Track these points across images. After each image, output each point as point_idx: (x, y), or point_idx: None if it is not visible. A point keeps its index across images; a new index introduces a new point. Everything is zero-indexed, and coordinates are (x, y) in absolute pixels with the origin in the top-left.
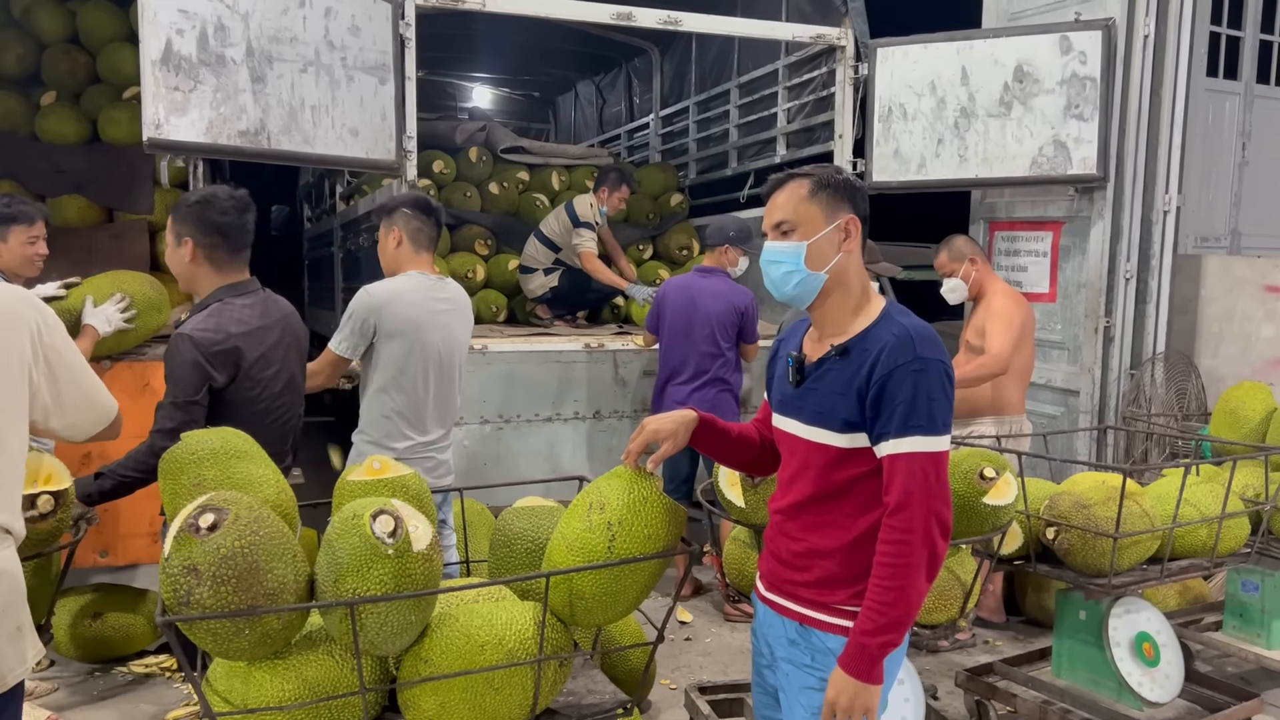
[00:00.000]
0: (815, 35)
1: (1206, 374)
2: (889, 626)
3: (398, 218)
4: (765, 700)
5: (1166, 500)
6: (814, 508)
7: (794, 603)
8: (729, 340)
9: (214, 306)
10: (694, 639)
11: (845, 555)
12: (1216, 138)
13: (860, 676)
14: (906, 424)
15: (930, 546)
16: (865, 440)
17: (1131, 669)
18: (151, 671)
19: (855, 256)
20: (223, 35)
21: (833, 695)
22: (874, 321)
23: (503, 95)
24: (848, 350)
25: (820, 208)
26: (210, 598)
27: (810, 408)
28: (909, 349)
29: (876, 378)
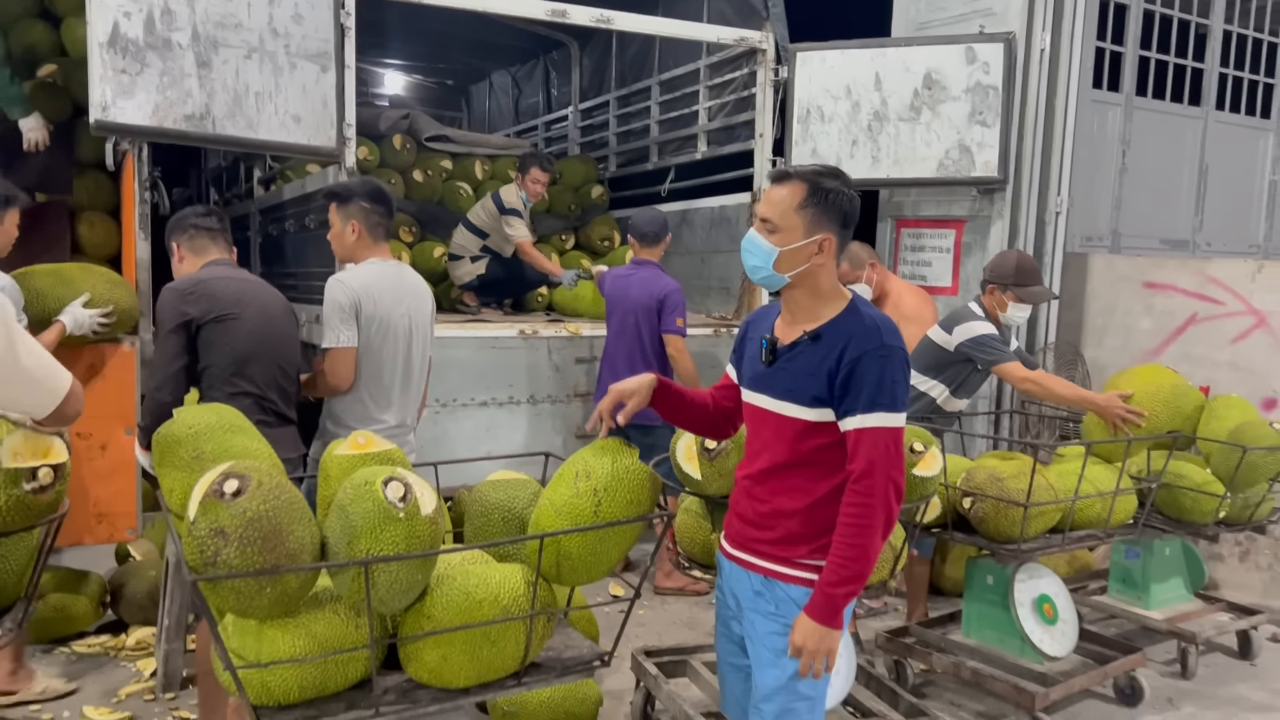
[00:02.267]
0: (738, 38)
1: (1092, 363)
2: (851, 578)
3: (354, 210)
4: (730, 648)
5: (1067, 477)
6: (780, 473)
7: (759, 558)
8: (655, 330)
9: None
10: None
11: (806, 515)
12: (1101, 145)
13: (825, 622)
14: (873, 402)
15: (888, 509)
16: (830, 415)
17: (1034, 627)
18: (95, 651)
19: (826, 267)
20: (169, 19)
21: (799, 639)
22: (842, 311)
23: (415, 82)
24: (819, 336)
25: (804, 221)
26: (237, 558)
27: (781, 385)
28: (876, 337)
29: (846, 361)
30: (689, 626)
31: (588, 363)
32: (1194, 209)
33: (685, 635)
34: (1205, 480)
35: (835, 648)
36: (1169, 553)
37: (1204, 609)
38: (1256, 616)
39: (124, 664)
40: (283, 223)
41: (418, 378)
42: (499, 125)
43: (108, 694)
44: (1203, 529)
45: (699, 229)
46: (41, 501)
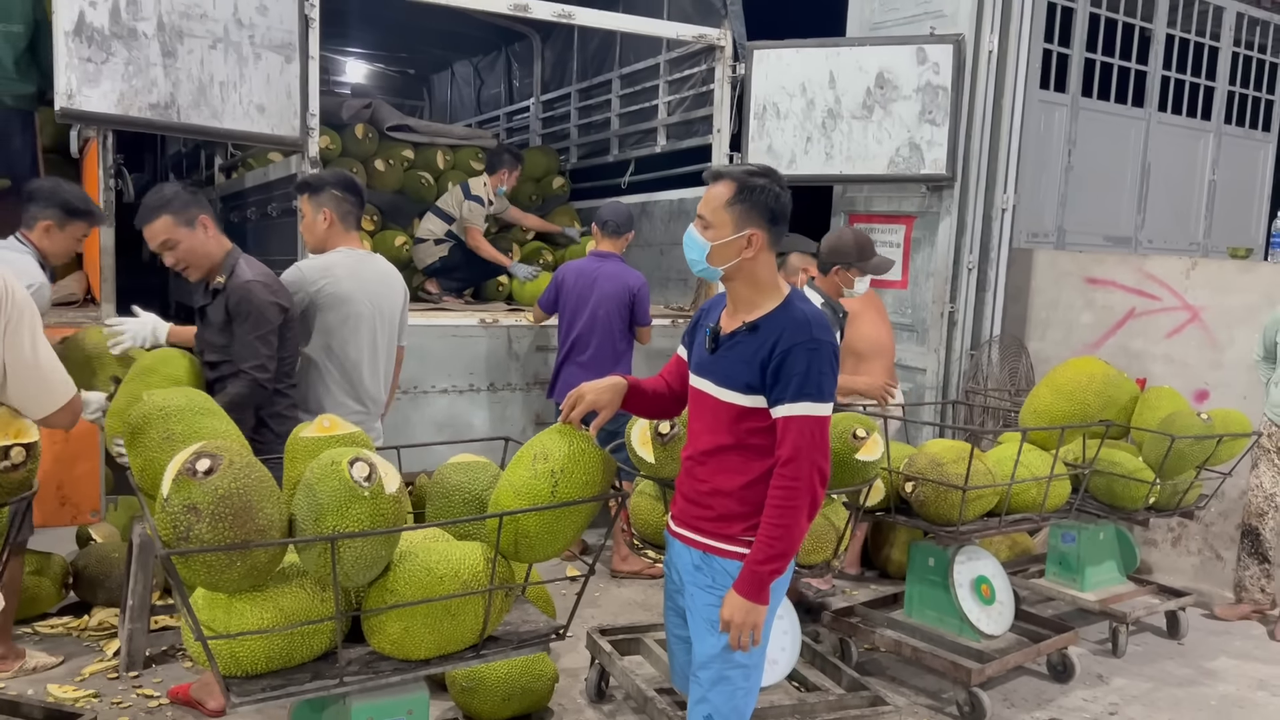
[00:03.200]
0: (697, 35)
1: (1035, 355)
2: (777, 557)
3: (326, 199)
4: (676, 621)
5: (1005, 463)
6: (718, 455)
7: (698, 534)
8: (624, 321)
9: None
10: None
11: (741, 495)
12: (1047, 144)
13: (751, 597)
14: (800, 392)
15: (812, 492)
16: (763, 402)
17: (972, 607)
18: (59, 632)
19: (759, 260)
20: (134, 9)
21: (727, 614)
22: (779, 305)
23: (377, 71)
24: (757, 327)
25: (733, 217)
26: (209, 533)
27: (721, 371)
28: (806, 330)
29: (778, 352)
30: (643, 608)
31: (547, 351)
32: (1136, 207)
33: (639, 616)
34: (1137, 468)
35: (761, 621)
36: (1103, 537)
37: (1135, 591)
38: (1184, 598)
39: (86, 644)
40: (245, 210)
41: (385, 364)
42: (461, 115)
43: (71, 673)
44: (1134, 514)
45: (658, 221)
46: (13, 480)
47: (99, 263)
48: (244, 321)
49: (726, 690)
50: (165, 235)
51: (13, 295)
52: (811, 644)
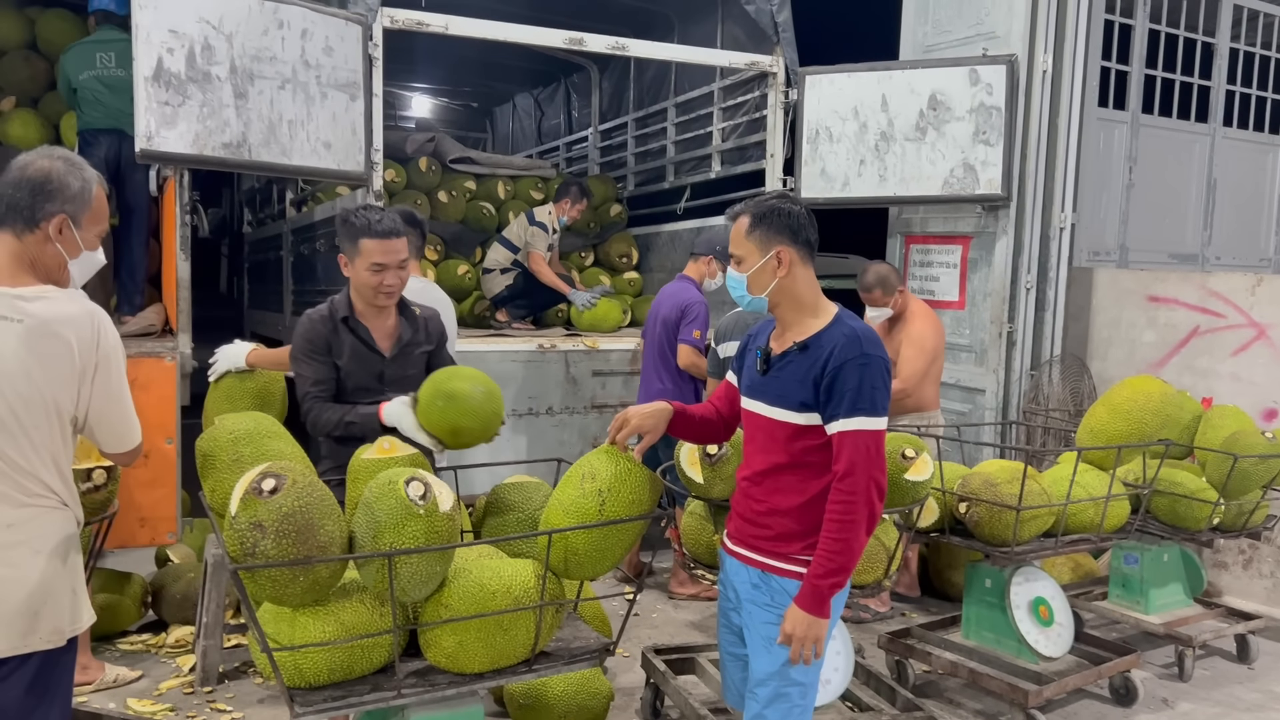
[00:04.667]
0: (749, 62)
1: (1097, 375)
2: (836, 571)
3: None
4: (730, 638)
5: (1061, 483)
6: (774, 475)
7: (756, 553)
8: (675, 342)
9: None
10: (642, 615)
11: (799, 514)
12: (1107, 162)
13: (812, 611)
14: (854, 407)
15: (870, 506)
16: (818, 419)
17: (1030, 628)
18: (138, 649)
19: (796, 277)
20: (209, 54)
21: (789, 628)
22: (828, 324)
23: (441, 105)
24: (807, 346)
25: (755, 243)
26: (273, 549)
27: (773, 391)
28: (857, 346)
29: (829, 369)
30: (699, 629)
31: (604, 375)
32: (1202, 223)
33: (695, 637)
34: (1199, 488)
35: (822, 635)
36: (1167, 559)
37: (1202, 614)
38: (1254, 621)
39: (164, 660)
40: (314, 242)
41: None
42: (522, 146)
43: (150, 687)
44: (1198, 535)
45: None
46: (95, 500)
47: (175, 295)
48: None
49: (783, 707)
50: (406, 253)
51: (101, 341)
52: (864, 665)
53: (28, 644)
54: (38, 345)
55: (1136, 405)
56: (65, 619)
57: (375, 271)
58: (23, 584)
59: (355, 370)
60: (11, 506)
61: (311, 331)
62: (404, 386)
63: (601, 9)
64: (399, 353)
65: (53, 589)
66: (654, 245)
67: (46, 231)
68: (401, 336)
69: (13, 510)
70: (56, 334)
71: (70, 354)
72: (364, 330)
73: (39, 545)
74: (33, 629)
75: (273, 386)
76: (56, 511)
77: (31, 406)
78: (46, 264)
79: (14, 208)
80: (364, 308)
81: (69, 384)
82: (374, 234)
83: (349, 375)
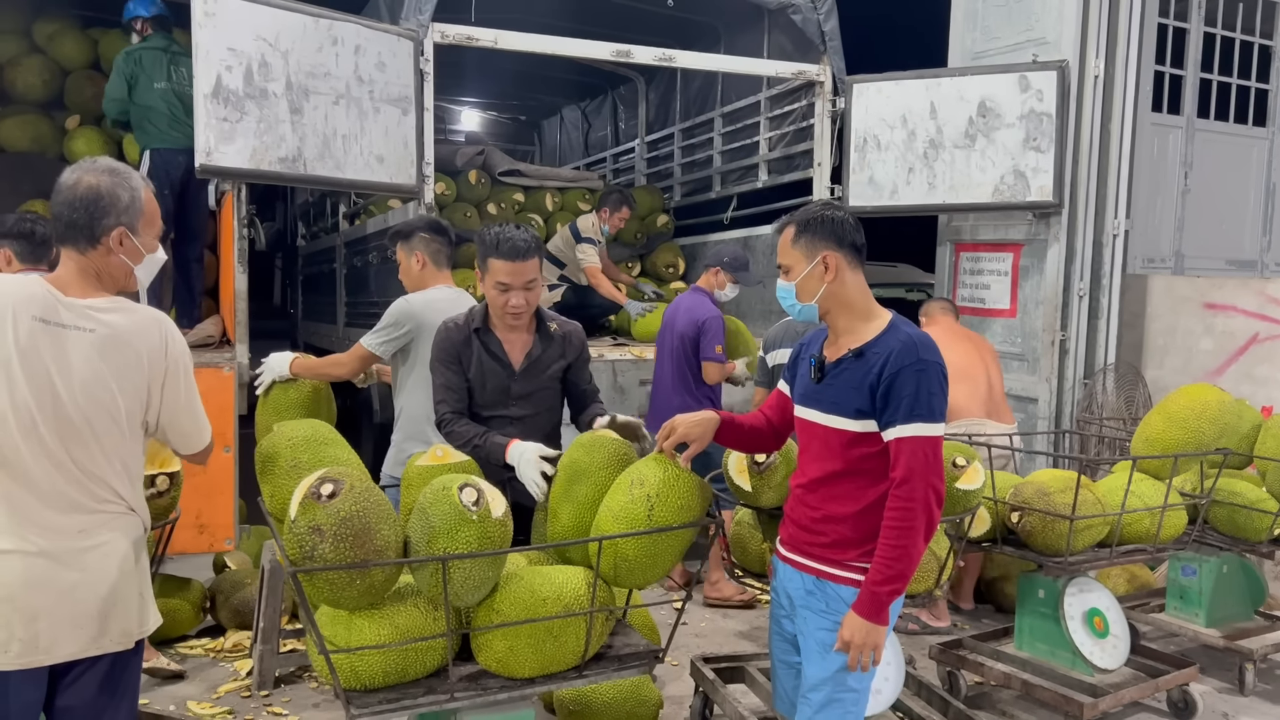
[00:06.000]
0: (796, 71)
1: (1152, 383)
2: (895, 577)
3: (417, 242)
4: (783, 645)
5: (1116, 493)
6: (830, 482)
7: (812, 560)
8: (692, 355)
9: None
10: (689, 624)
11: (855, 521)
12: (1162, 168)
13: (870, 618)
14: (911, 413)
15: (928, 513)
16: (874, 426)
17: (1084, 640)
18: (197, 653)
19: (845, 283)
20: (265, 71)
21: (847, 634)
22: (883, 330)
23: (490, 118)
24: (862, 353)
25: (801, 251)
26: (331, 552)
27: (828, 399)
28: (913, 352)
29: (886, 375)
30: (748, 639)
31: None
32: (1261, 229)
33: (744, 646)
34: (1259, 498)
35: (880, 642)
36: (1226, 570)
37: (1264, 627)
38: None
39: (222, 664)
40: (366, 255)
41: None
42: (569, 158)
43: (208, 691)
44: (1257, 546)
45: (760, 255)
46: (159, 505)
47: (233, 306)
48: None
49: (837, 713)
50: (535, 274)
51: (169, 347)
52: (916, 675)
53: (99, 646)
54: (110, 354)
55: (1193, 414)
56: (134, 621)
57: (501, 291)
58: (93, 588)
59: (484, 382)
60: (84, 513)
61: (445, 340)
62: (532, 402)
63: (647, 21)
64: (528, 368)
65: (122, 593)
66: (701, 255)
67: (108, 245)
68: (532, 353)
69: (85, 516)
70: (127, 343)
71: (141, 362)
72: (495, 343)
73: (109, 550)
74: (103, 631)
75: (319, 394)
76: (125, 517)
77: (103, 414)
78: (113, 274)
79: (73, 226)
80: (498, 320)
81: (139, 391)
82: (500, 254)
83: (478, 387)
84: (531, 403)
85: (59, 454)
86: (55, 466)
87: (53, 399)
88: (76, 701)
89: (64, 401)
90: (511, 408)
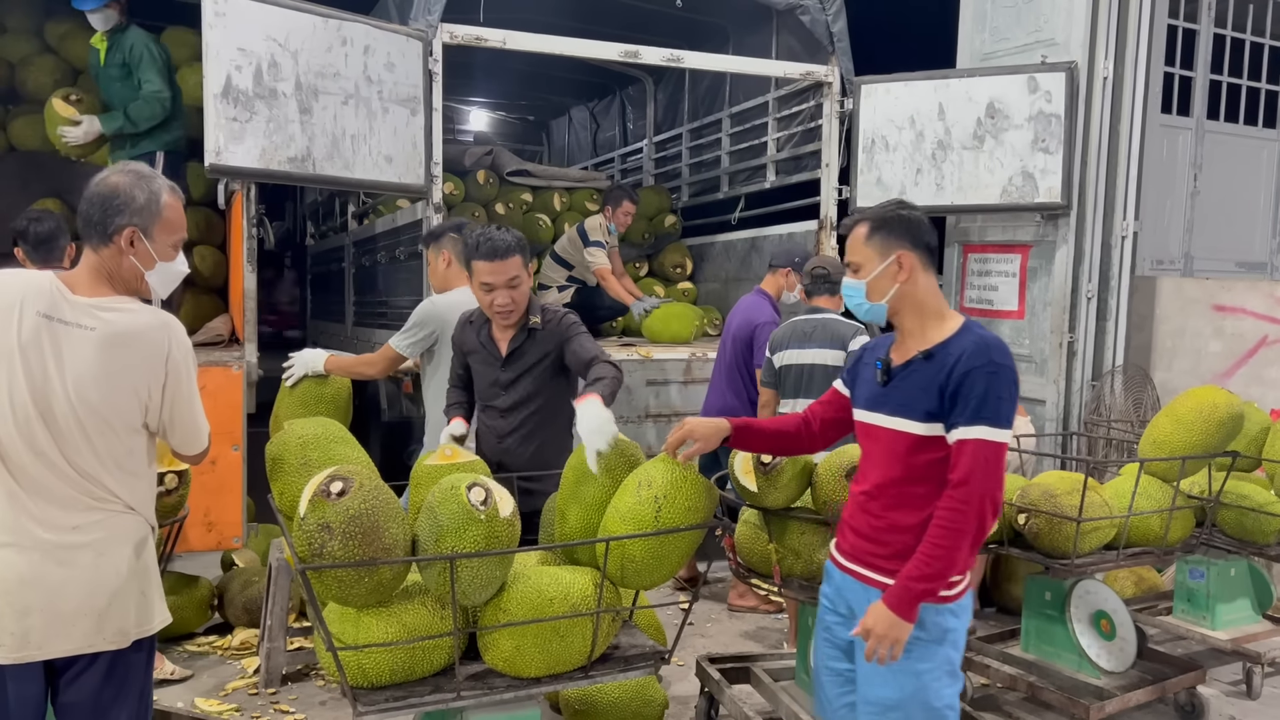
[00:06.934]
0: (804, 72)
1: (1161, 386)
2: (931, 576)
3: (446, 242)
4: (832, 653)
5: (1123, 495)
6: (894, 489)
7: (877, 573)
8: (744, 358)
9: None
10: (696, 624)
11: (920, 531)
12: (1171, 169)
13: (898, 611)
14: (977, 415)
15: (980, 518)
16: (941, 430)
17: (1090, 642)
18: (205, 650)
19: (918, 283)
20: (275, 71)
21: (870, 623)
22: (955, 332)
23: (498, 118)
24: (933, 355)
25: (874, 249)
26: (340, 550)
27: (895, 401)
28: (985, 354)
29: (956, 375)
30: (754, 639)
31: (658, 385)
32: (1271, 231)
33: (750, 647)
34: (1267, 501)
35: (903, 639)
36: (1234, 573)
37: (1272, 630)
38: None
39: (230, 662)
40: (375, 254)
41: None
42: (578, 158)
43: (216, 688)
44: (1266, 549)
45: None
46: (167, 504)
47: (242, 305)
48: (580, 332)
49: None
50: (517, 272)
51: (173, 350)
52: None
53: (92, 644)
54: (110, 353)
55: (1201, 416)
56: (131, 621)
57: (486, 290)
58: (87, 586)
59: (479, 370)
60: (79, 510)
61: (458, 333)
62: (518, 393)
63: (656, 22)
64: (512, 360)
65: (117, 591)
66: (708, 256)
67: (120, 245)
68: (514, 344)
69: (79, 514)
70: (129, 343)
71: (142, 363)
72: (487, 334)
73: (104, 548)
74: (98, 629)
75: (344, 393)
76: (123, 516)
77: (98, 414)
78: (124, 277)
79: (88, 223)
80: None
81: (139, 392)
82: (481, 254)
83: (476, 378)
84: (518, 393)
85: (52, 452)
86: (49, 464)
87: (47, 396)
88: (79, 698)
89: (59, 399)
90: (500, 398)
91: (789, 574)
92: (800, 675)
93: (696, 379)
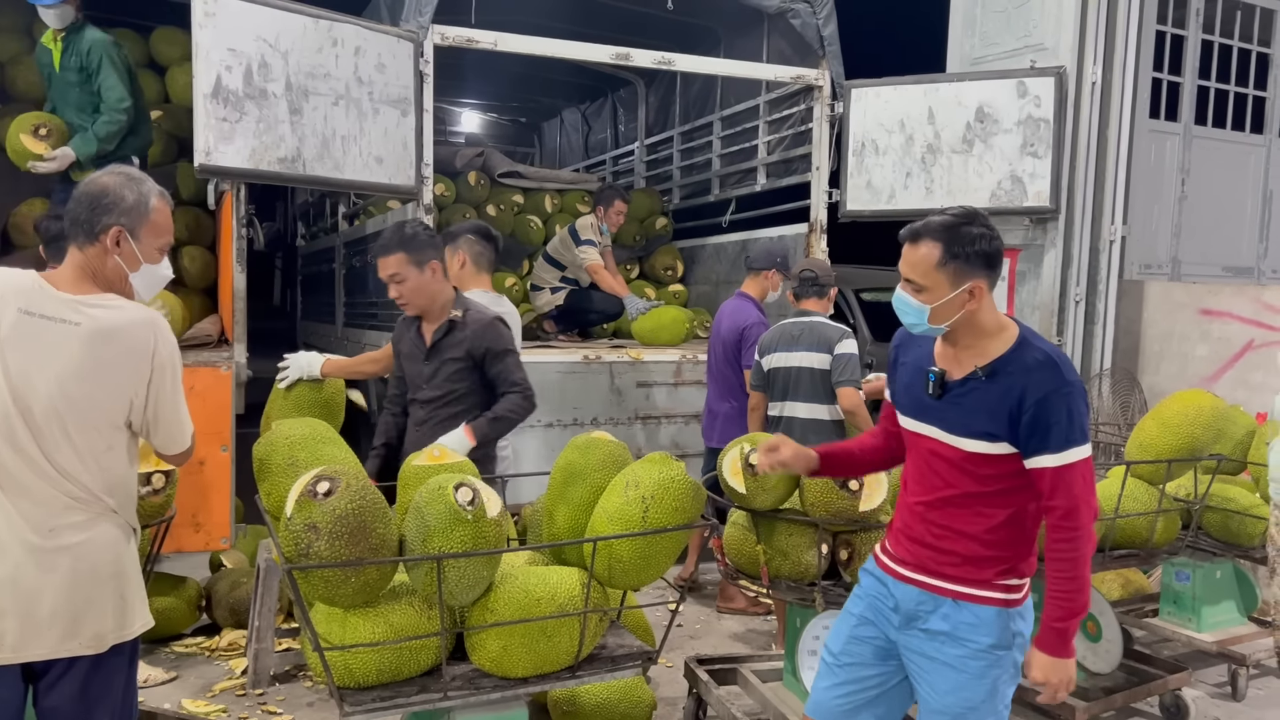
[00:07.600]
0: (795, 76)
1: (1148, 389)
2: (1074, 612)
3: (461, 243)
4: (860, 651)
5: (1109, 497)
6: (959, 500)
7: (942, 580)
8: (734, 361)
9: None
10: (684, 625)
11: (987, 539)
12: (1159, 174)
13: (1058, 654)
14: (1066, 440)
15: (1091, 536)
16: (1007, 449)
17: (1077, 643)
18: (192, 651)
19: (983, 307)
20: (265, 71)
21: (1040, 675)
22: (1014, 345)
23: (490, 120)
24: (994, 372)
25: (946, 276)
26: (327, 550)
27: (954, 418)
28: (1057, 375)
29: (1030, 403)
30: (742, 640)
31: (649, 387)
32: (1258, 236)
33: (738, 648)
34: (1252, 504)
35: (1074, 674)
36: (1220, 576)
37: (1257, 632)
38: None
39: (217, 663)
40: (365, 255)
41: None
42: (569, 160)
43: (203, 689)
44: (1250, 552)
45: None
46: (153, 504)
47: (231, 305)
48: (502, 349)
49: None
50: (395, 269)
51: (158, 348)
52: None
53: (68, 648)
54: (95, 349)
55: (1187, 419)
56: (108, 625)
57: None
58: (63, 589)
59: (410, 369)
60: (57, 509)
61: (397, 330)
62: (436, 386)
63: (647, 24)
64: (432, 352)
65: (94, 595)
66: (699, 258)
67: (105, 244)
68: (435, 336)
69: (58, 513)
70: (113, 339)
71: (127, 360)
72: (416, 329)
73: (83, 552)
74: (73, 633)
75: (338, 397)
76: (104, 518)
77: (79, 409)
78: (108, 276)
79: (75, 222)
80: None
81: (124, 389)
82: (374, 254)
83: (408, 375)
84: (437, 386)
85: (31, 449)
86: (28, 460)
87: (27, 392)
88: (59, 702)
89: (38, 395)
90: (421, 390)
91: (777, 575)
92: (788, 676)
93: (686, 381)
